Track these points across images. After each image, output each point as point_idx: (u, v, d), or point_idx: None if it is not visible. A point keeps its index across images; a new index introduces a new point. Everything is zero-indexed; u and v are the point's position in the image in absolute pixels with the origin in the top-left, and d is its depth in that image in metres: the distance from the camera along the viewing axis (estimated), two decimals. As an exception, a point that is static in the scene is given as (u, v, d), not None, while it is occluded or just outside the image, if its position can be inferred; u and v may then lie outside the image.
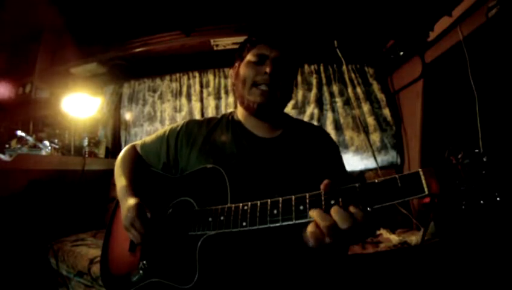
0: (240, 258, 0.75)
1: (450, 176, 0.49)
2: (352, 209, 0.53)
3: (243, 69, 0.88)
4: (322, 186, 0.57)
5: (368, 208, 0.53)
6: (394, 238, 1.60)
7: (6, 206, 1.53)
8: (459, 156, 0.50)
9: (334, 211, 0.54)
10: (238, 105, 0.94)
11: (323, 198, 0.56)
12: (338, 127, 2.17)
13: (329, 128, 2.14)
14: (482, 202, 0.47)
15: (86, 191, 1.98)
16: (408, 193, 0.50)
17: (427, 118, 1.80)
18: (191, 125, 0.96)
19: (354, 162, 2.12)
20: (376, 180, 0.53)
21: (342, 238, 0.54)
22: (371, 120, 2.12)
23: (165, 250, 0.79)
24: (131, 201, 0.80)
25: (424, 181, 0.49)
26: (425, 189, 0.48)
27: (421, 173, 0.49)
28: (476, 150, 0.48)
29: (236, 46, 1.89)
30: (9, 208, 1.55)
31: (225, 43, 1.93)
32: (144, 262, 0.80)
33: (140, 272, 0.80)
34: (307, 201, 0.58)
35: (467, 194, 0.48)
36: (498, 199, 0.46)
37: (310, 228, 0.55)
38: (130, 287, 0.80)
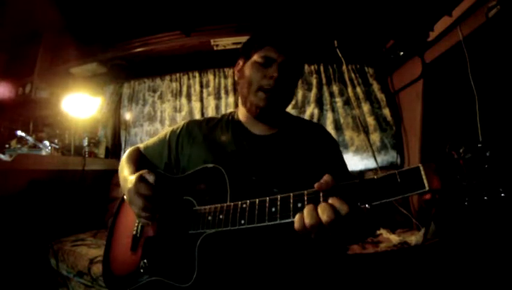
0: (238, 256, 0.75)
1: (452, 171, 0.47)
2: (337, 204, 0.52)
3: (248, 69, 0.87)
4: (316, 186, 0.56)
5: (367, 205, 0.51)
6: (394, 238, 1.60)
7: (6, 206, 1.53)
8: (461, 151, 0.47)
9: (321, 212, 0.52)
10: (240, 105, 0.94)
11: (321, 194, 0.56)
12: (338, 127, 2.17)
13: (329, 128, 2.14)
14: (485, 198, 0.45)
15: (86, 191, 1.98)
16: (408, 189, 0.48)
17: (427, 118, 1.80)
18: (191, 126, 0.97)
19: (354, 162, 2.12)
20: (375, 177, 0.52)
21: (327, 234, 0.53)
22: (371, 120, 2.12)
23: (166, 249, 0.79)
24: (132, 177, 0.79)
25: (424, 177, 0.47)
26: (426, 185, 0.46)
27: (421, 168, 0.47)
28: (479, 145, 0.46)
29: (236, 46, 1.91)
30: (10, 208, 1.54)
31: (225, 43, 1.92)
32: (145, 261, 0.81)
33: (141, 271, 0.80)
34: (305, 198, 0.57)
35: (469, 190, 0.46)
36: (503, 194, 0.44)
37: (297, 224, 0.55)
38: (131, 286, 0.81)
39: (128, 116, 2.46)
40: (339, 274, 0.84)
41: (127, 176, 0.85)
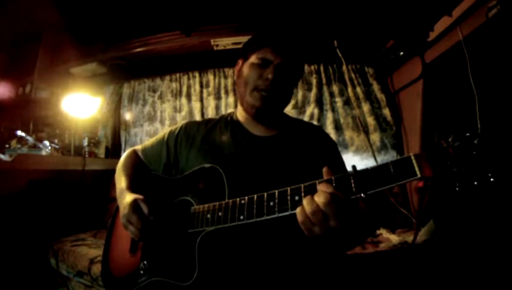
0: (239, 253, 0.76)
1: (442, 159, 0.50)
2: (330, 189, 0.54)
3: (246, 70, 0.88)
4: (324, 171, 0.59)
5: (362, 194, 0.53)
6: (394, 238, 1.60)
7: (6, 206, 1.53)
8: (449, 140, 0.50)
9: (317, 196, 0.55)
10: (239, 105, 0.95)
11: (317, 187, 0.57)
12: (338, 127, 2.17)
13: (329, 128, 2.14)
14: (475, 183, 0.48)
15: (86, 191, 1.97)
16: (401, 177, 0.51)
17: (427, 118, 1.80)
18: (189, 127, 0.97)
19: (354, 162, 2.11)
20: (369, 167, 0.54)
21: (327, 223, 0.54)
22: (371, 120, 2.12)
23: (165, 249, 0.79)
24: (128, 198, 0.81)
25: (416, 165, 0.49)
26: (418, 172, 0.49)
27: (412, 157, 0.50)
28: (467, 134, 0.49)
29: (236, 46, 1.91)
30: (9, 208, 1.54)
31: (225, 43, 1.92)
32: (145, 262, 0.81)
33: (141, 272, 0.80)
34: (302, 191, 0.58)
35: (459, 176, 0.49)
36: (491, 179, 0.46)
37: (299, 216, 0.56)
38: (130, 287, 0.81)
39: (128, 116, 2.46)
40: (339, 274, 0.84)
41: (124, 189, 0.87)
